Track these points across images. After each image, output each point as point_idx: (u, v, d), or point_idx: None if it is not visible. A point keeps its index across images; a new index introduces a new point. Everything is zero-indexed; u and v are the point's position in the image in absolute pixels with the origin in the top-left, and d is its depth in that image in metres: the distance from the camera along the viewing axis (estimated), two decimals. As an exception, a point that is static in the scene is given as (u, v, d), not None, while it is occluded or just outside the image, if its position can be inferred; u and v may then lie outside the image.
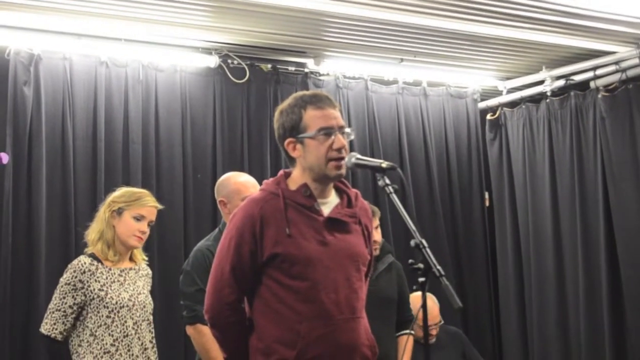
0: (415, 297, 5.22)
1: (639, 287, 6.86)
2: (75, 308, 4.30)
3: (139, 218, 4.48)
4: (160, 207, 4.62)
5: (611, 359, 6.99)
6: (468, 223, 8.00)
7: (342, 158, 3.23)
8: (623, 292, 6.98)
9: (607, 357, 7.01)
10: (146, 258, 4.68)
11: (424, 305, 3.04)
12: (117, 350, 4.30)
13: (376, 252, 4.86)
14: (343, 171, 3.26)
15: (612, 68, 7.08)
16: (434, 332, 5.87)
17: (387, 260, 5.04)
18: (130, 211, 4.47)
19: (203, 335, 4.40)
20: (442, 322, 5.94)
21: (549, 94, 7.65)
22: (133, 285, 4.46)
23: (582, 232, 7.29)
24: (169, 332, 5.85)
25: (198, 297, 4.27)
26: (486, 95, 8.26)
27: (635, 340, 6.89)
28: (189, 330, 4.54)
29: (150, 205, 4.54)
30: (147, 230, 4.53)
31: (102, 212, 4.51)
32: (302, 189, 3.25)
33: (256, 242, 3.18)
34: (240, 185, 4.64)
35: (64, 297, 4.29)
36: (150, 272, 4.70)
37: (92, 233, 4.51)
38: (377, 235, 4.78)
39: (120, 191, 4.58)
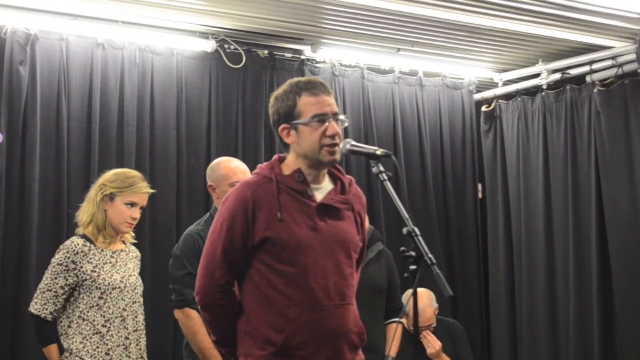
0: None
1: (629, 280, 6.89)
2: (67, 289, 4.31)
3: (131, 205, 4.48)
4: (152, 192, 4.63)
5: (600, 351, 7.02)
6: (461, 214, 8.02)
7: (336, 145, 3.23)
8: (613, 286, 7.01)
9: (595, 350, 7.04)
10: (134, 234, 4.69)
11: (414, 293, 3.04)
12: (108, 331, 4.32)
13: None
14: (337, 157, 3.26)
15: (609, 63, 7.08)
16: (424, 333, 5.79)
17: (376, 249, 5.02)
18: (123, 198, 4.47)
19: (191, 320, 4.41)
20: (435, 324, 5.88)
21: (544, 87, 7.64)
22: (124, 267, 4.48)
23: (574, 226, 7.30)
24: (158, 316, 5.85)
25: (187, 281, 4.29)
26: (482, 87, 8.26)
27: (624, 332, 6.91)
28: (178, 314, 4.54)
29: (142, 192, 4.54)
30: (138, 216, 4.54)
31: (94, 194, 4.51)
32: (295, 175, 3.26)
33: (248, 226, 3.19)
34: (229, 171, 4.63)
35: (56, 278, 4.30)
36: (139, 254, 4.72)
37: (83, 215, 4.51)
38: None
39: (113, 174, 4.57)
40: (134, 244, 4.73)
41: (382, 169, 3.19)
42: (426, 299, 5.73)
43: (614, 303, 7.02)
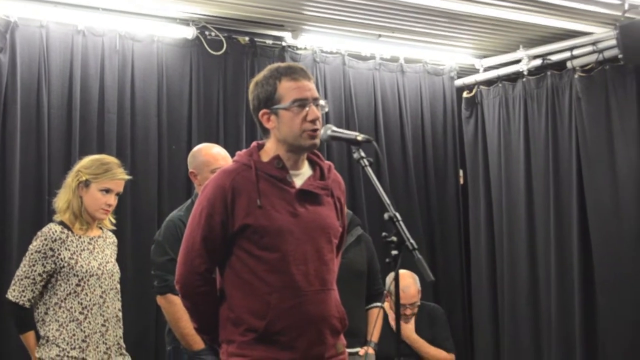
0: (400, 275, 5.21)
1: (610, 266, 6.91)
2: (44, 276, 4.30)
3: (106, 191, 4.46)
4: (128, 178, 4.61)
5: (581, 338, 7.06)
6: (442, 199, 8.03)
7: (317, 129, 3.23)
8: (594, 271, 7.03)
9: (577, 336, 7.08)
10: (114, 220, 4.68)
11: (396, 278, 3.05)
12: (85, 318, 4.31)
13: None
14: (317, 141, 3.26)
15: (589, 49, 7.10)
16: (408, 311, 5.84)
17: (355, 233, 5.01)
18: (97, 184, 4.44)
19: (174, 305, 4.42)
20: (419, 303, 5.93)
21: (525, 73, 7.66)
22: (102, 253, 4.47)
23: (555, 211, 7.33)
24: (141, 302, 5.87)
25: (169, 267, 4.28)
26: (463, 72, 8.26)
27: (605, 318, 6.94)
28: (160, 300, 4.56)
29: (117, 178, 4.51)
30: (113, 202, 4.51)
31: (70, 180, 4.49)
32: (274, 161, 3.26)
33: (227, 213, 3.19)
34: (210, 157, 4.65)
35: (34, 265, 4.29)
36: (115, 240, 4.71)
37: (60, 201, 4.50)
38: None
39: (89, 160, 4.54)
40: (113, 230, 4.71)
41: (363, 154, 3.22)
42: (409, 277, 5.78)
43: (595, 288, 7.05)
